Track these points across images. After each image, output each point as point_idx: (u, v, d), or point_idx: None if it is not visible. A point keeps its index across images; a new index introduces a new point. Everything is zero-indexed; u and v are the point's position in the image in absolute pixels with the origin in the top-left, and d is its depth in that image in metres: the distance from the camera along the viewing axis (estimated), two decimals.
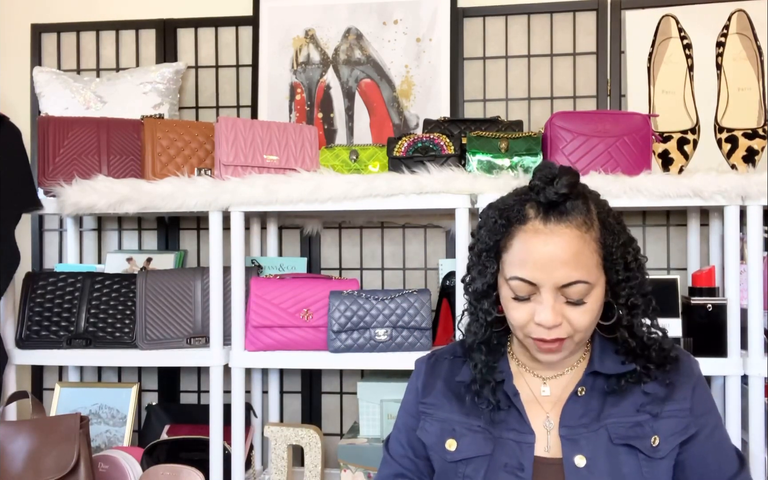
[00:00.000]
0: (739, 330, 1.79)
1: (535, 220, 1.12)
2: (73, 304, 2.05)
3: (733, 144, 2.15)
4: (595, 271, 1.11)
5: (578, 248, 1.10)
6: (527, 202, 1.14)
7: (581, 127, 1.86)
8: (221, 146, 1.93)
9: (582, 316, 1.11)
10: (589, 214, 1.13)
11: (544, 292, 1.10)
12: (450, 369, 1.25)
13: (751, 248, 1.78)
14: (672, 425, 1.13)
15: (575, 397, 1.16)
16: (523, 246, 1.12)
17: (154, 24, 2.46)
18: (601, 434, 1.12)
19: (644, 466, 1.10)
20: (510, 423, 1.16)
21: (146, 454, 1.99)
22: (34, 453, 1.75)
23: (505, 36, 2.34)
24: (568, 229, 1.10)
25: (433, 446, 1.20)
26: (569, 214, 1.11)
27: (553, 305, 1.10)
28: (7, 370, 2.01)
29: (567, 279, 1.09)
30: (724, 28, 2.20)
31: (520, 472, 1.12)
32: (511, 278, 1.13)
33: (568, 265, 1.09)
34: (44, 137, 2.02)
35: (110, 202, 1.93)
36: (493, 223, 1.17)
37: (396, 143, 1.95)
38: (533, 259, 1.10)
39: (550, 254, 1.09)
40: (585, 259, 1.10)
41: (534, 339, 1.13)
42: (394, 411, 2.06)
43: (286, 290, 1.95)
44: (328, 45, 2.37)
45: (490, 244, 1.16)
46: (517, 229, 1.13)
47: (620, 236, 1.15)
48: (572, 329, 1.12)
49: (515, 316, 1.13)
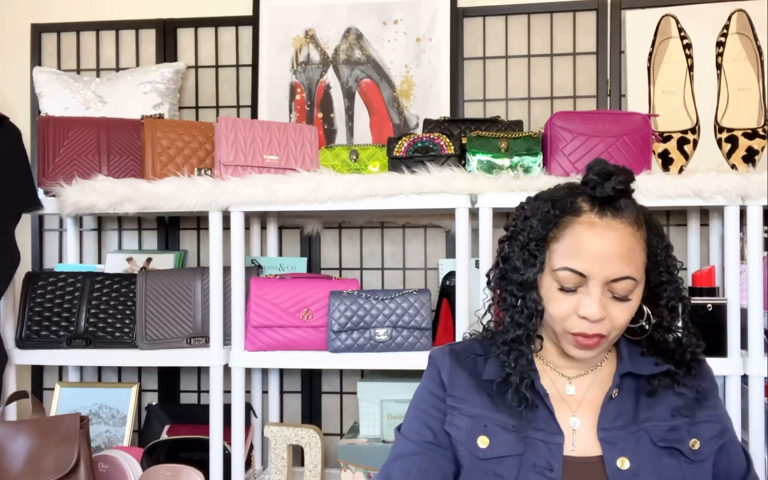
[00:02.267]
0: (739, 330, 1.79)
1: (591, 213, 1.12)
2: (73, 304, 2.05)
3: (733, 144, 2.15)
4: (641, 270, 1.13)
5: (631, 245, 1.12)
6: (580, 195, 1.15)
7: (581, 127, 1.86)
8: (221, 146, 1.93)
9: (623, 314, 1.12)
10: (639, 215, 1.15)
11: (593, 285, 1.10)
12: (473, 365, 1.22)
13: (751, 248, 1.78)
14: (709, 429, 1.15)
15: (609, 398, 1.16)
16: (577, 237, 1.12)
17: (154, 24, 2.46)
18: (642, 437, 1.13)
19: (686, 469, 1.12)
20: (538, 423, 1.14)
21: (146, 454, 1.99)
22: (34, 453, 1.75)
23: (505, 36, 2.34)
24: (622, 225, 1.12)
25: (462, 442, 1.16)
26: (623, 211, 1.13)
27: (600, 299, 1.10)
28: (7, 370, 2.01)
29: (618, 273, 1.10)
30: (724, 28, 2.20)
31: (549, 472, 1.10)
32: (560, 269, 1.12)
33: (621, 260, 1.10)
34: (44, 137, 2.01)
35: (110, 202, 1.93)
36: (545, 213, 1.15)
37: (396, 143, 1.95)
38: (587, 250, 1.10)
39: (606, 248, 1.10)
40: (636, 257, 1.12)
41: (574, 333, 1.12)
42: (394, 411, 2.07)
43: (286, 290, 1.95)
44: (328, 45, 2.37)
45: (542, 233, 1.15)
46: (570, 221, 1.13)
47: (664, 239, 1.18)
48: (611, 326, 1.12)
49: (558, 308, 1.12)
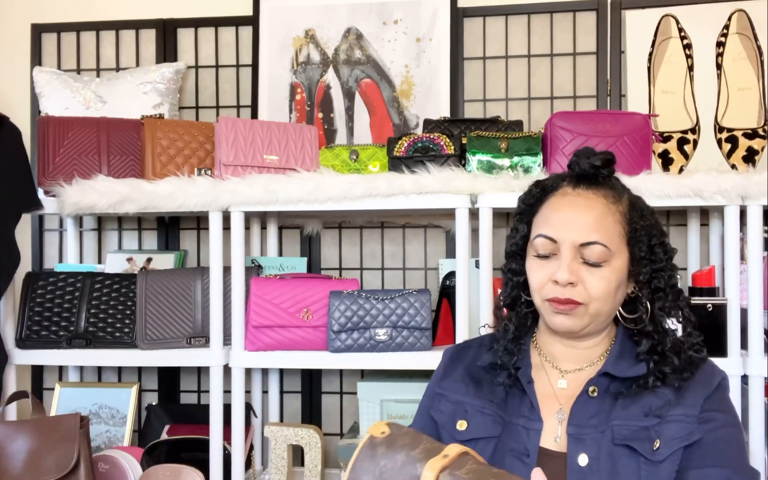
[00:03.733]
0: (739, 330, 1.79)
1: (566, 187, 1.20)
2: (73, 304, 2.05)
3: (733, 144, 2.15)
4: (616, 240, 1.15)
5: (601, 212, 1.16)
6: (565, 178, 1.22)
7: (581, 127, 1.86)
8: (221, 146, 1.93)
9: (598, 283, 1.14)
10: (619, 193, 1.19)
11: (563, 249, 1.15)
12: (474, 356, 1.29)
13: (751, 248, 1.78)
14: (675, 430, 1.11)
15: (586, 396, 1.16)
16: (550, 207, 1.19)
17: (154, 24, 2.46)
18: (606, 435, 1.12)
19: (644, 468, 1.09)
20: (522, 410, 1.18)
21: (146, 454, 1.99)
22: (34, 453, 1.75)
23: (505, 36, 2.34)
24: (594, 195, 1.17)
25: (444, 425, 1.23)
26: (599, 185, 1.19)
27: (569, 263, 1.14)
28: (7, 370, 2.01)
29: (585, 238, 1.14)
30: (724, 28, 2.20)
31: (525, 457, 1.13)
32: (535, 237, 1.18)
33: (589, 226, 1.14)
34: (44, 137, 2.01)
35: (110, 202, 1.93)
36: (528, 192, 1.25)
37: (396, 143, 1.95)
38: (557, 217, 1.17)
39: (573, 213, 1.16)
40: (607, 225, 1.15)
41: (549, 300, 1.16)
42: (395, 411, 2.07)
43: (286, 290, 1.95)
44: (328, 45, 2.37)
45: (523, 207, 1.25)
46: (547, 197, 1.22)
47: (647, 218, 1.19)
48: (587, 295, 1.14)
49: (535, 278, 1.18)
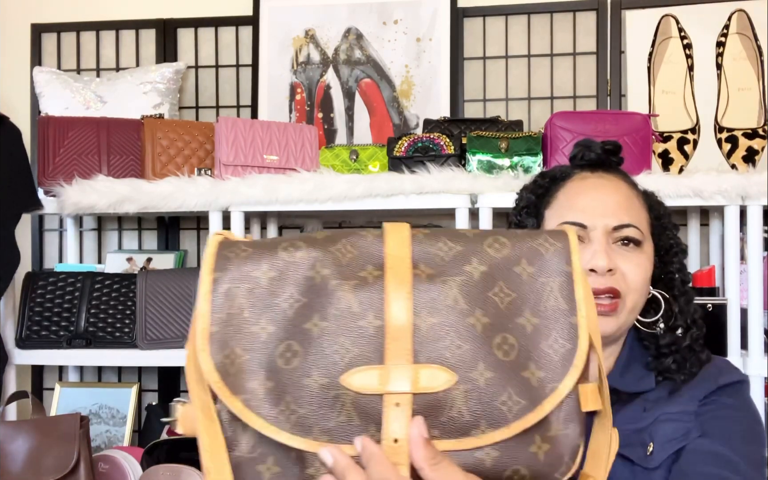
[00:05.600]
0: (739, 330, 1.79)
1: (582, 172, 1.08)
2: (73, 304, 2.05)
3: (733, 144, 2.15)
4: (645, 226, 1.04)
5: (627, 194, 1.05)
6: (574, 168, 1.11)
7: (581, 127, 1.86)
8: (221, 146, 1.93)
9: (635, 270, 1.01)
10: (634, 182, 1.10)
11: (595, 234, 1.01)
12: None
13: (751, 248, 1.77)
14: (670, 430, 0.97)
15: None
16: (570, 193, 1.06)
17: (154, 24, 2.46)
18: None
19: (640, 476, 0.96)
20: None
21: (146, 454, 1.99)
22: (34, 453, 1.75)
23: (505, 36, 2.34)
24: (616, 178, 1.07)
25: None
26: (616, 170, 1.08)
27: (605, 247, 1.00)
28: (7, 370, 2.01)
29: (619, 220, 1.01)
30: (724, 28, 2.20)
31: None
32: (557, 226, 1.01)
33: (620, 207, 1.02)
34: (44, 137, 2.01)
35: (110, 202, 1.93)
36: (534, 183, 1.12)
37: (396, 143, 1.95)
38: (583, 201, 1.04)
39: (601, 195, 1.04)
40: (636, 208, 1.04)
41: None
42: None
43: None
44: (328, 45, 2.37)
45: (531, 199, 1.11)
46: (561, 185, 1.08)
47: (664, 206, 1.11)
48: (625, 285, 1.01)
49: None
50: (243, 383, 0.64)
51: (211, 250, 0.68)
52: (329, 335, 0.64)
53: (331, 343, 0.64)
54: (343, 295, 0.65)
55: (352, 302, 0.65)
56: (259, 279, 0.66)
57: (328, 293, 0.65)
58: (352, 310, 0.64)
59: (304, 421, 0.63)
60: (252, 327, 0.65)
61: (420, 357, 0.63)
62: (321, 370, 0.63)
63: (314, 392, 0.63)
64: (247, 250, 0.67)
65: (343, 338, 0.64)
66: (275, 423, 0.63)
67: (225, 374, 0.64)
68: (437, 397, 0.63)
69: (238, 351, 0.65)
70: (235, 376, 0.64)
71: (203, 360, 0.64)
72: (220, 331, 0.65)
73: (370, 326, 0.64)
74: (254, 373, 0.64)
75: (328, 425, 0.63)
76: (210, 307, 0.66)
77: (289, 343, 0.64)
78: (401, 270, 0.66)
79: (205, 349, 0.65)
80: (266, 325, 0.65)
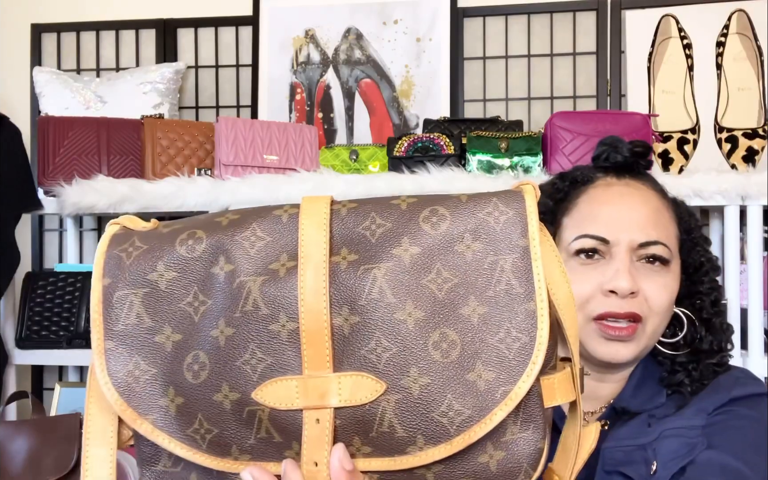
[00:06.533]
0: (740, 330, 1.79)
1: (607, 177, 0.97)
2: (73, 304, 2.05)
3: (733, 144, 2.14)
4: (673, 242, 0.94)
5: (656, 207, 0.93)
6: (597, 170, 0.99)
7: (581, 127, 1.86)
8: (221, 146, 1.93)
9: (660, 292, 0.91)
10: (664, 188, 0.99)
11: (618, 252, 0.90)
12: None
13: (751, 248, 1.77)
14: (675, 446, 0.88)
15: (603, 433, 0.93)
16: (593, 201, 0.95)
17: (154, 24, 2.46)
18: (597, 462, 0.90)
19: None
20: None
21: None
22: (34, 453, 1.75)
23: (505, 36, 2.34)
24: (644, 186, 0.95)
25: None
26: (645, 175, 0.98)
27: (629, 267, 0.89)
28: (7, 370, 2.01)
29: (645, 237, 0.90)
30: (724, 28, 2.20)
31: None
32: (576, 238, 0.93)
33: (648, 220, 0.91)
34: (44, 137, 2.01)
35: (110, 202, 1.93)
36: (552, 186, 1.01)
37: (396, 143, 1.95)
38: (607, 212, 0.93)
39: (627, 207, 0.92)
40: (665, 222, 0.93)
41: (600, 317, 0.91)
42: None
43: None
44: (328, 45, 2.37)
45: (550, 205, 0.98)
46: (583, 190, 0.97)
47: (696, 217, 1.00)
48: (648, 308, 0.91)
49: (578, 290, 0.89)
50: (152, 401, 0.56)
51: (101, 249, 0.60)
52: (237, 343, 0.55)
53: (241, 352, 0.55)
54: (250, 295, 0.55)
55: (260, 302, 0.55)
56: (157, 282, 0.57)
57: (233, 293, 0.56)
58: (261, 312, 0.55)
59: (219, 440, 0.56)
60: (156, 337, 0.57)
61: (342, 364, 0.54)
62: (231, 384, 0.55)
63: (226, 410, 0.55)
64: (140, 248, 0.59)
65: (254, 346, 0.55)
66: (190, 443, 0.56)
67: (130, 394, 0.56)
68: (363, 410, 0.54)
69: (143, 366, 0.57)
70: (141, 394, 0.56)
71: (102, 380, 0.56)
72: (119, 345, 0.57)
73: (283, 330, 0.55)
74: (164, 388, 0.56)
75: (247, 443, 0.56)
76: (102, 319, 0.57)
77: (196, 354, 0.56)
78: (317, 258, 0.55)
79: (102, 367, 0.57)
80: (171, 334, 0.57)
